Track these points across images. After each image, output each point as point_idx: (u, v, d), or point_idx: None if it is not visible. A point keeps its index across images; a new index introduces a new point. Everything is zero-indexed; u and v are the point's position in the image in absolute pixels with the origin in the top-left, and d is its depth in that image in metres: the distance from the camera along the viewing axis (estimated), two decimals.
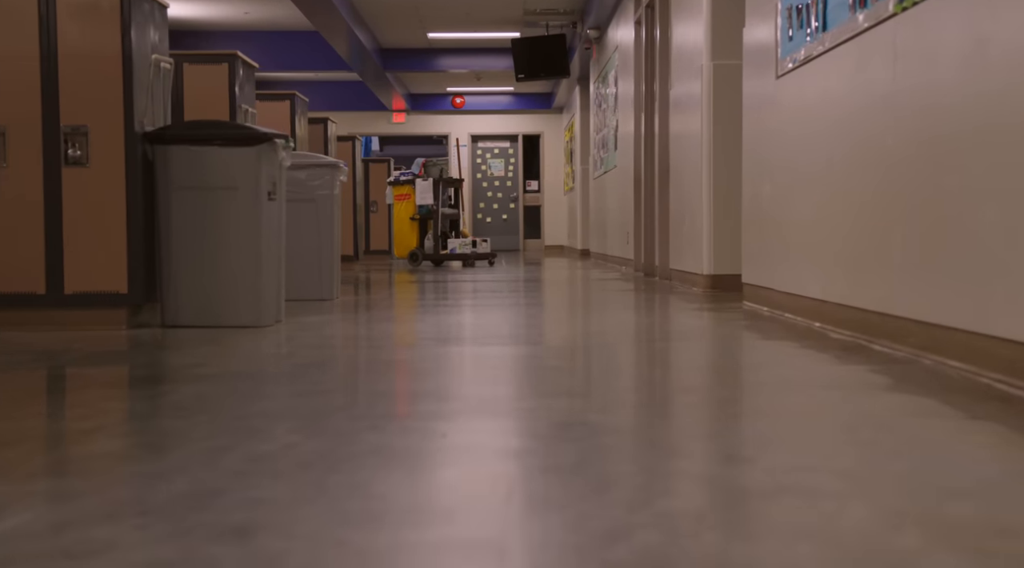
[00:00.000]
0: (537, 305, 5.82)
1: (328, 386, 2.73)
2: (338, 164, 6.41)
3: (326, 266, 6.40)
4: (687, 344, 3.70)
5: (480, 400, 2.48)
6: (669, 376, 2.86)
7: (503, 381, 2.80)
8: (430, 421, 2.20)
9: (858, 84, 3.79)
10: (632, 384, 2.71)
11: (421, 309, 5.63)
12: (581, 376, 2.87)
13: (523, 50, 14.48)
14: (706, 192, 6.80)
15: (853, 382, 2.72)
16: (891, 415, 2.22)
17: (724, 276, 6.77)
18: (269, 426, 2.16)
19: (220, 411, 2.35)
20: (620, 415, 2.24)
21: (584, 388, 2.65)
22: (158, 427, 2.16)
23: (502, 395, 2.55)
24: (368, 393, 2.61)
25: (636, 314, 5.12)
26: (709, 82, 6.75)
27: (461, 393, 2.60)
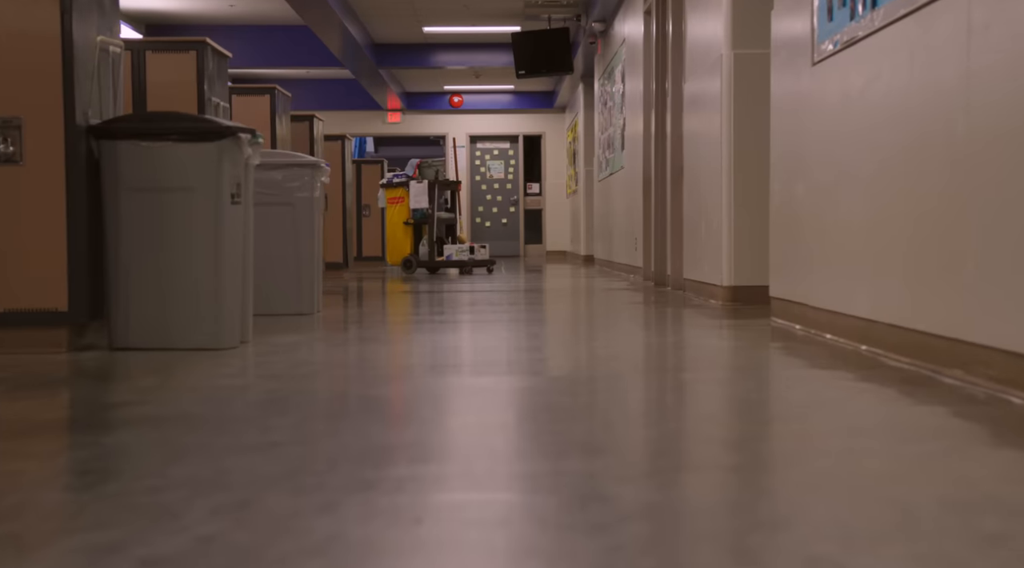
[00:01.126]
0: (539, 322, 5.32)
1: (283, 436, 2.24)
2: (318, 164, 5.92)
3: (305, 277, 5.91)
4: (717, 374, 3.20)
5: (471, 460, 1.98)
6: (703, 422, 2.36)
7: (501, 429, 2.30)
8: (403, 494, 1.71)
9: (920, 66, 3.29)
10: (658, 434, 2.21)
11: (411, 326, 5.13)
12: (593, 422, 2.38)
13: (524, 45, 14.01)
14: (726, 195, 6.31)
15: (939, 431, 2.22)
16: (1014, 488, 1.72)
17: (746, 288, 6.28)
18: (188, 504, 1.66)
19: (133, 477, 1.85)
20: (650, 487, 1.74)
21: (599, 441, 2.15)
22: (37, 505, 1.66)
23: (499, 452, 2.05)
24: (332, 448, 2.11)
25: (651, 333, 4.62)
26: (729, 73, 6.26)
27: (448, 448, 2.10)
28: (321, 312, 6.17)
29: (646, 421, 2.38)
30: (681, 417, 2.43)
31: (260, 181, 5.81)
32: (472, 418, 2.45)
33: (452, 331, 4.81)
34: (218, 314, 4.04)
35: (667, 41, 8.69)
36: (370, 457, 2.02)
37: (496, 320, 5.41)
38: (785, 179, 4.95)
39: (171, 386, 3.07)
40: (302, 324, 5.32)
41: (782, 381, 3.03)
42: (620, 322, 5.24)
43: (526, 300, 7.16)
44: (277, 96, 7.71)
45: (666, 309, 6.14)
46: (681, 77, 8.17)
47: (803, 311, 4.63)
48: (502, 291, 8.37)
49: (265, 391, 2.94)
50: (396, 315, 5.88)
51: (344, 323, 5.37)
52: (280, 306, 5.93)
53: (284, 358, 3.76)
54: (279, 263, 5.89)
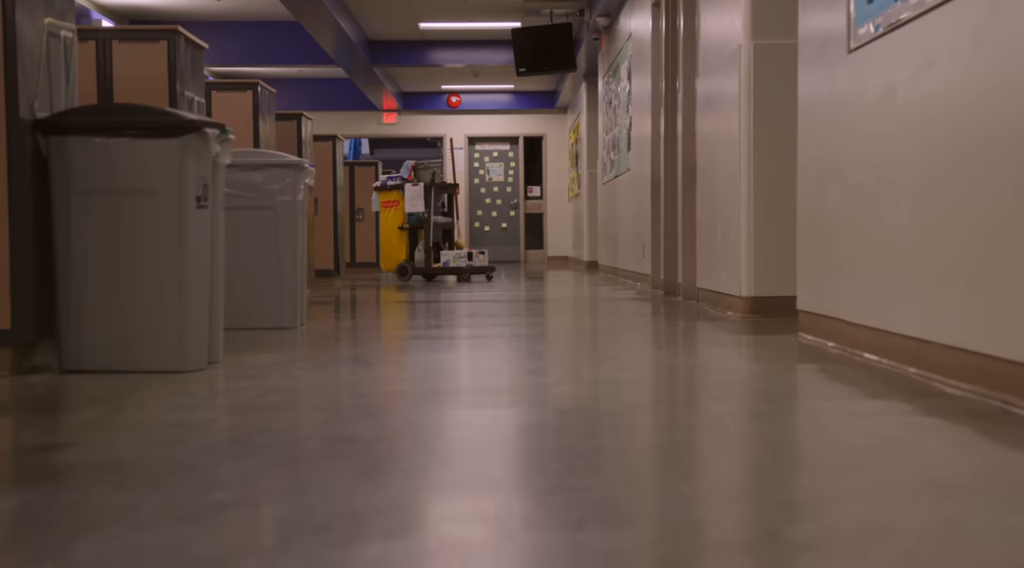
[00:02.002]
0: (542, 337, 4.92)
1: (230, 495, 1.84)
2: (302, 164, 5.52)
3: (287, 287, 5.51)
4: (753, 405, 2.80)
5: (465, 531, 1.58)
6: (750, 475, 1.96)
7: (498, 485, 1.90)
8: None
9: (987, 50, 2.90)
10: (697, 493, 1.81)
11: (402, 343, 4.73)
12: (614, 475, 1.98)
13: (524, 41, 13.63)
14: (745, 199, 5.92)
15: None
16: None
17: (767, 299, 5.88)
18: None
19: (16, 561, 1.46)
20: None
21: (624, 504, 1.75)
22: None
23: (500, 518, 1.65)
24: (289, 512, 1.71)
25: (667, 351, 4.22)
26: (748, 66, 5.87)
27: (430, 519, 1.70)
28: (305, 326, 5.77)
29: (679, 473, 1.98)
30: (721, 467, 2.03)
31: (238, 183, 5.42)
32: (468, 468, 2.05)
33: (447, 349, 4.41)
34: (182, 333, 3.64)
35: (678, 36, 8.30)
36: (337, 527, 1.62)
37: (496, 335, 5.02)
38: (815, 182, 4.56)
39: (114, 422, 2.67)
40: (282, 340, 4.93)
41: (831, 415, 2.63)
42: (631, 338, 4.84)
43: (527, 311, 6.77)
44: (260, 93, 7.32)
45: (680, 322, 5.74)
46: (693, 74, 7.78)
47: (837, 327, 4.24)
48: (502, 301, 7.98)
49: (223, 429, 2.54)
50: (386, 329, 5.48)
51: (328, 339, 4.97)
52: (260, 320, 5.53)
53: (254, 384, 3.36)
54: (259, 273, 5.50)
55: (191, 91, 5.58)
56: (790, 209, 5.85)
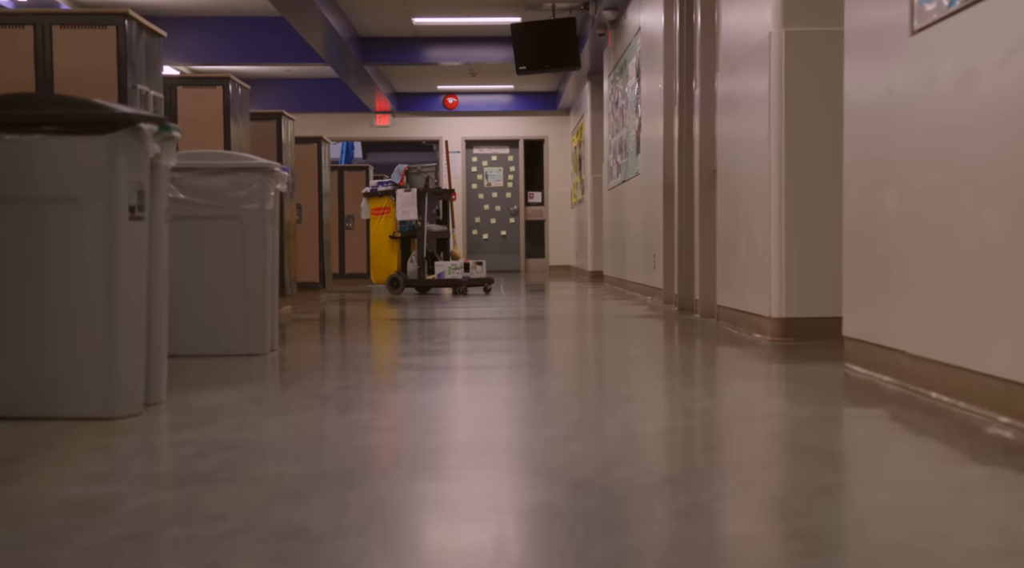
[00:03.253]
0: (546, 368, 4.37)
1: None
2: (271, 168, 4.98)
3: (255, 308, 4.96)
4: (820, 474, 2.25)
5: None
6: None
7: None
8: None
9: None
10: None
11: (385, 375, 4.18)
12: None
13: (525, 37, 13.09)
14: (776, 207, 5.37)
15: None
16: None
17: (801, 321, 5.33)
18: None
19: None
20: None
21: None
22: None
23: None
24: None
25: (693, 388, 3.67)
26: (779, 58, 5.32)
27: None
28: (277, 351, 5.22)
29: None
30: None
31: (198, 189, 4.88)
32: None
33: (438, 385, 3.86)
34: (111, 371, 3.09)
35: (694, 29, 7.76)
36: None
37: (493, 365, 4.46)
38: (866, 187, 4.01)
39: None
40: (246, 371, 4.37)
41: (930, 491, 2.07)
42: (648, 369, 4.29)
43: (528, 332, 6.21)
44: (232, 89, 6.76)
45: (702, 347, 5.19)
46: (713, 70, 7.24)
47: (896, 359, 3.68)
48: (501, 318, 7.42)
49: (130, 513, 1.98)
50: (368, 357, 4.93)
51: (301, 370, 4.42)
52: (224, 345, 4.98)
53: (194, 437, 2.81)
54: (223, 291, 4.94)
55: (146, 85, 5.03)
56: (829, 218, 5.30)
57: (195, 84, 6.63)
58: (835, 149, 5.28)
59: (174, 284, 4.91)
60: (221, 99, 6.62)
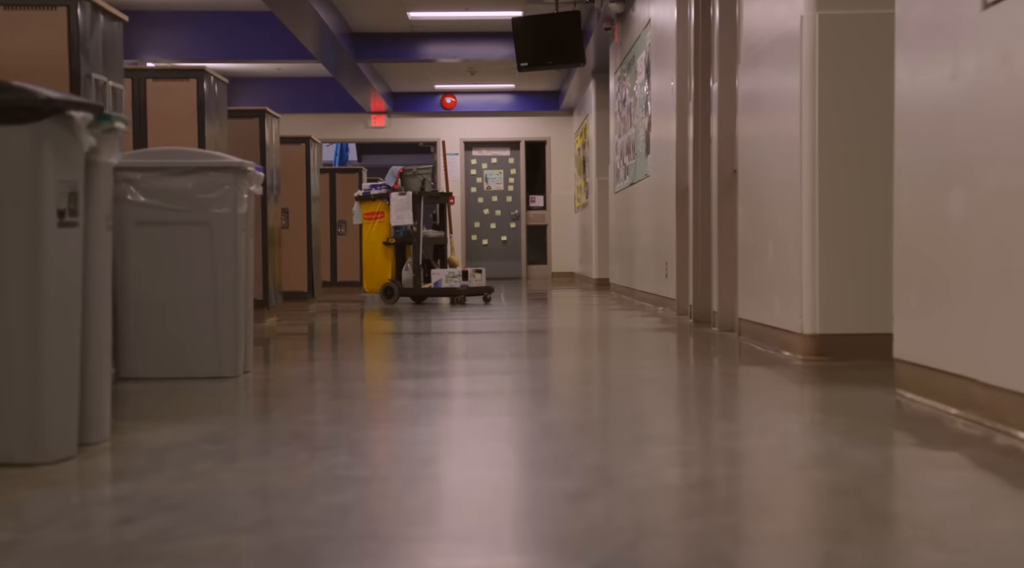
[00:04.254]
0: (553, 394, 3.91)
1: None
2: (244, 167, 4.53)
3: (226, 325, 4.51)
4: (902, 541, 1.79)
5: None
6: None
7: None
8: None
9: None
10: None
11: (369, 403, 3.72)
12: None
13: (526, 32, 12.65)
14: (808, 211, 4.92)
15: None
16: None
17: (838, 338, 4.88)
18: None
19: None
20: None
21: None
22: None
23: None
24: None
25: (725, 421, 3.22)
26: (813, 46, 4.87)
27: None
28: (250, 372, 4.77)
29: None
30: None
31: (161, 192, 4.43)
32: None
33: (428, 417, 3.40)
34: (34, 405, 2.63)
35: (712, 23, 7.31)
36: None
37: (493, 390, 4.01)
38: (924, 188, 3.55)
39: None
40: (210, 399, 3.92)
41: None
42: (671, 396, 3.84)
43: (531, 349, 5.76)
44: (207, 81, 6.30)
45: (727, 368, 4.74)
46: (733, 64, 6.80)
47: (964, 389, 3.22)
48: (502, 332, 6.97)
49: None
50: (354, 380, 4.48)
51: (273, 397, 3.97)
52: (191, 367, 4.52)
53: (128, 492, 2.35)
54: (190, 307, 4.49)
55: (103, 74, 4.58)
56: (871, 223, 4.86)
57: (166, 76, 6.17)
58: (879, 146, 4.84)
59: (133, 299, 4.46)
60: (195, 93, 6.16)
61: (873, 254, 4.86)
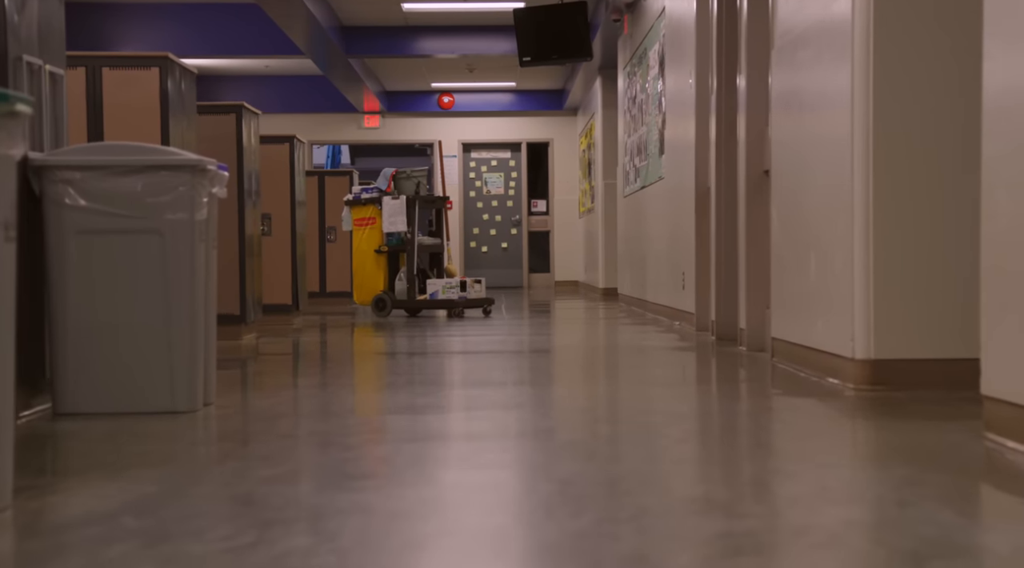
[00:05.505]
0: (565, 438, 3.34)
1: None
2: (203, 165, 3.95)
3: (181, 350, 3.93)
4: None
5: None
6: None
7: None
8: None
9: None
10: None
11: (345, 452, 3.15)
12: None
13: (529, 25, 12.10)
14: (861, 217, 4.35)
15: None
16: None
17: (896, 363, 4.31)
18: None
19: None
20: None
21: None
22: None
23: None
24: None
25: (788, 479, 2.65)
26: (866, 33, 4.31)
27: None
28: (212, 404, 4.19)
29: None
30: None
31: (104, 194, 3.86)
32: None
33: (414, 475, 2.83)
34: None
35: (739, 13, 6.75)
36: None
37: (495, 433, 3.44)
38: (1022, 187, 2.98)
39: None
40: (154, 444, 3.34)
41: None
42: (711, 439, 3.26)
43: (538, 374, 5.19)
44: (172, 71, 5.72)
45: (769, 400, 4.16)
46: (763, 58, 6.23)
47: None
48: (503, 352, 6.40)
49: None
50: (330, 416, 3.90)
51: (229, 441, 3.39)
52: (140, 400, 3.95)
53: None
54: (139, 328, 3.92)
55: (39, 58, 4.01)
56: (936, 232, 4.29)
57: (125, 65, 5.59)
58: (947, 145, 4.28)
59: (72, 322, 3.88)
60: (157, 84, 5.58)
61: (938, 268, 4.30)
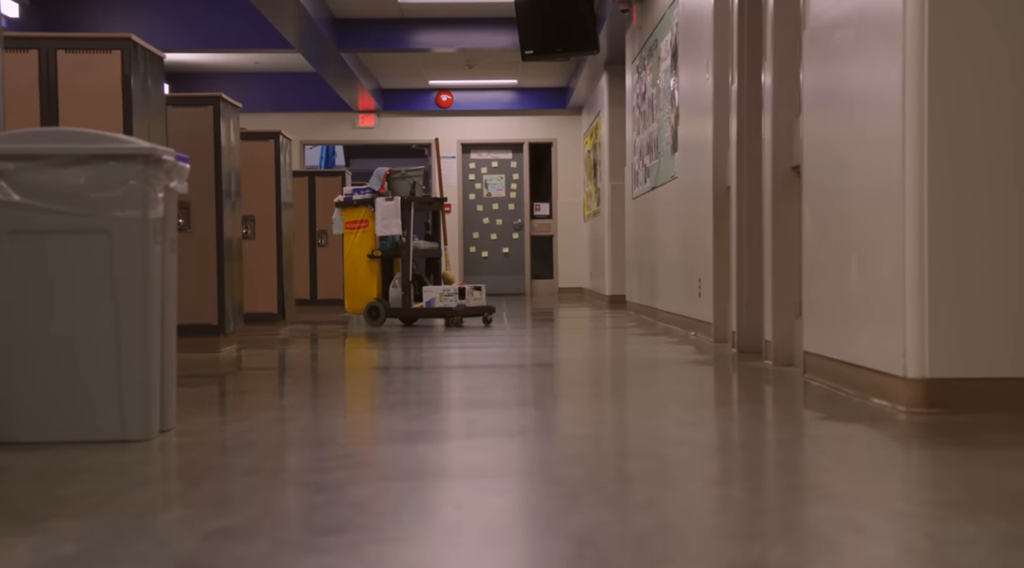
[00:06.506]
0: (573, 474, 2.87)
1: None
2: (157, 155, 3.49)
3: (132, 369, 3.47)
4: None
5: None
6: None
7: None
8: None
9: None
10: None
11: (315, 496, 2.69)
12: None
13: (531, 16, 11.68)
14: (914, 223, 3.90)
15: None
16: None
17: (955, 383, 3.86)
18: None
19: None
20: None
21: None
22: None
23: None
24: None
25: (860, 537, 2.18)
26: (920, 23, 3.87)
27: None
28: (172, 430, 3.72)
29: None
30: None
31: (41, 188, 3.40)
32: None
33: (399, 531, 2.37)
34: None
35: (764, 7, 6.30)
36: None
37: (498, 470, 2.98)
38: None
39: None
40: (88, 484, 2.88)
41: None
42: (751, 475, 2.80)
43: (542, 393, 4.73)
44: (135, 55, 5.26)
45: (811, 426, 3.69)
46: (792, 53, 5.78)
47: None
48: (506, 367, 5.94)
49: None
50: (305, 447, 3.44)
51: (178, 482, 2.93)
52: (85, 427, 3.48)
53: None
54: (84, 344, 3.46)
55: None
56: (1003, 236, 3.84)
57: (82, 47, 5.12)
58: (1012, 143, 3.83)
59: (4, 337, 3.42)
60: (119, 69, 5.12)
61: (1002, 277, 3.85)
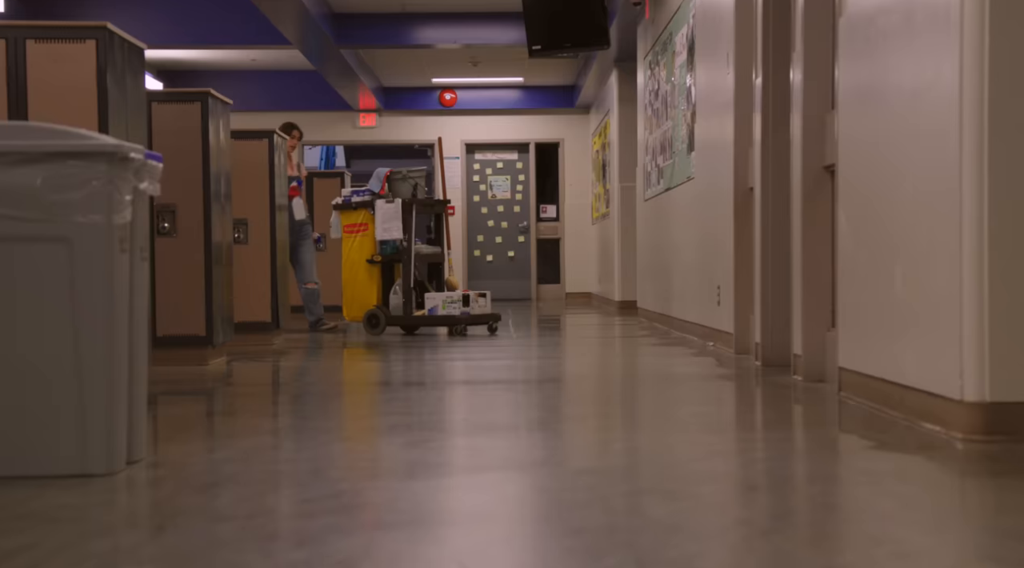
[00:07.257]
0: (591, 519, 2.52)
1: None
2: (124, 153, 3.15)
3: (94, 391, 3.13)
4: None
5: None
6: None
7: None
8: None
9: None
10: None
11: (291, 555, 2.34)
12: None
13: (539, 9, 11.37)
14: (972, 230, 3.55)
15: None
16: None
17: (1016, 408, 3.50)
18: None
19: None
20: None
21: None
22: None
23: None
24: None
25: None
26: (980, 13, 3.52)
27: None
28: (141, 461, 3.38)
29: None
30: None
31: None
32: None
33: None
34: None
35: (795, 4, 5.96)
36: None
37: (506, 514, 2.63)
38: None
39: None
40: (33, 533, 2.53)
41: None
42: (800, 524, 2.45)
43: (552, 415, 4.38)
44: (111, 45, 4.91)
45: (859, 457, 3.34)
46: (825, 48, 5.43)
47: None
48: (514, 382, 5.59)
49: None
50: (285, 484, 3.09)
51: (133, 530, 2.58)
52: (41, 460, 3.14)
53: None
54: (41, 367, 3.11)
55: None
56: None
57: (54, 36, 4.78)
58: None
59: None
60: (94, 60, 4.77)
61: None
